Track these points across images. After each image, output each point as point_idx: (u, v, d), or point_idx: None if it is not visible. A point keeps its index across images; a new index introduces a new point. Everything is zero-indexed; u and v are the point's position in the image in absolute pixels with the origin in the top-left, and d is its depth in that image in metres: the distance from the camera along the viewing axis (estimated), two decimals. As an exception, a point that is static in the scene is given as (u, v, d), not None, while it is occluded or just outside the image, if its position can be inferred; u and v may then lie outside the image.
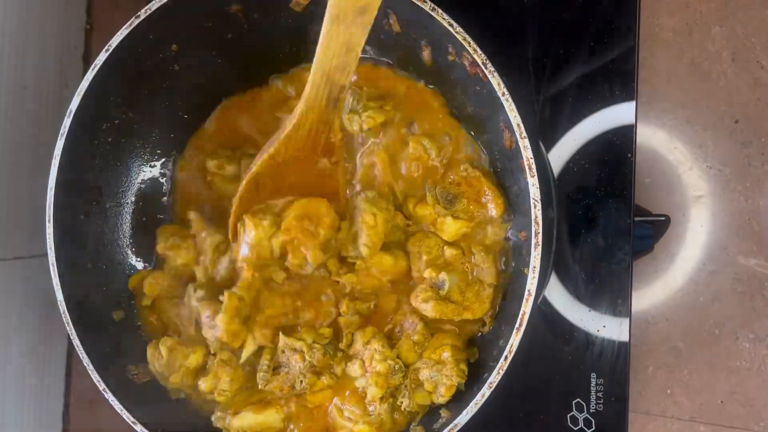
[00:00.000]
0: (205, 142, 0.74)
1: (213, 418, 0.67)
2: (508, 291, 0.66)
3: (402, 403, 0.66)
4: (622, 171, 0.70)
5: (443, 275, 0.65)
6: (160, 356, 0.67)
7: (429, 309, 0.65)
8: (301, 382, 0.65)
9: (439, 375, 0.65)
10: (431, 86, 0.69)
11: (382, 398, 0.65)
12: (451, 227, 0.66)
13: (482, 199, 0.66)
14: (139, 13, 0.62)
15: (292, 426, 0.68)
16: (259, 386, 0.66)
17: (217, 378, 0.66)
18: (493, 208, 0.66)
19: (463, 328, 0.68)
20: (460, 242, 0.67)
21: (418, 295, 0.66)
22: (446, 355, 0.65)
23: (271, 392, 0.66)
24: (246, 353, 0.66)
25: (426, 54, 0.65)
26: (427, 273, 0.66)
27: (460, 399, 0.62)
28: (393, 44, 0.67)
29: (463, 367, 0.65)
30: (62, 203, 0.64)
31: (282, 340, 0.66)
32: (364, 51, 0.69)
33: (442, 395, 0.65)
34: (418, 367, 0.66)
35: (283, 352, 0.66)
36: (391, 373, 0.65)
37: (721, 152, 0.79)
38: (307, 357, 0.65)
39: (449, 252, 0.67)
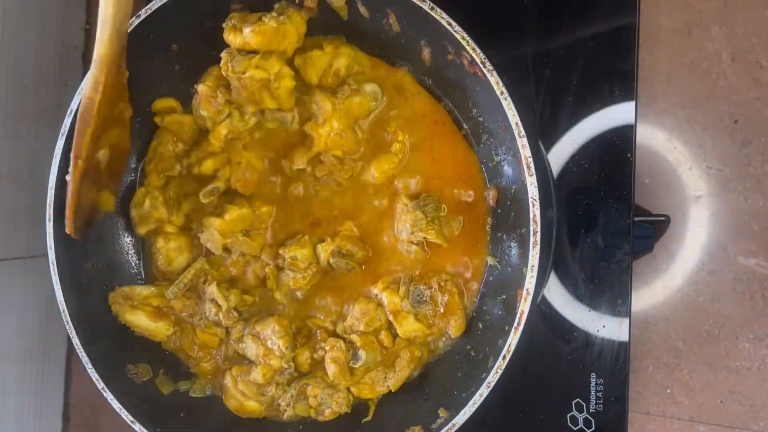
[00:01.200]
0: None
1: (110, 299, 0.68)
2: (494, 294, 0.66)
3: (285, 411, 0.67)
4: (622, 171, 0.70)
5: (362, 352, 0.66)
6: (155, 148, 0.70)
7: (332, 370, 0.66)
8: (200, 318, 0.68)
9: (329, 399, 0.66)
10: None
11: (278, 385, 0.67)
12: (410, 326, 0.66)
13: (447, 315, 0.67)
14: (139, 13, 0.62)
15: (173, 341, 0.70)
16: (167, 296, 0.68)
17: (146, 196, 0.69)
18: (453, 328, 0.67)
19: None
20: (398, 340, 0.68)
21: (331, 350, 0.66)
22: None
23: (169, 305, 0.69)
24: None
25: (426, 53, 0.65)
26: (354, 338, 0.66)
27: (458, 399, 0.62)
28: (393, 43, 0.67)
29: (352, 398, 0.67)
30: (63, 203, 0.64)
31: (211, 289, 0.67)
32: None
33: (324, 416, 0.67)
34: (308, 382, 0.67)
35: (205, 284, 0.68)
36: (280, 371, 0.67)
37: (721, 152, 0.78)
38: (220, 315, 0.67)
39: (384, 338, 0.67)
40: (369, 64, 0.68)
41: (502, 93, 0.58)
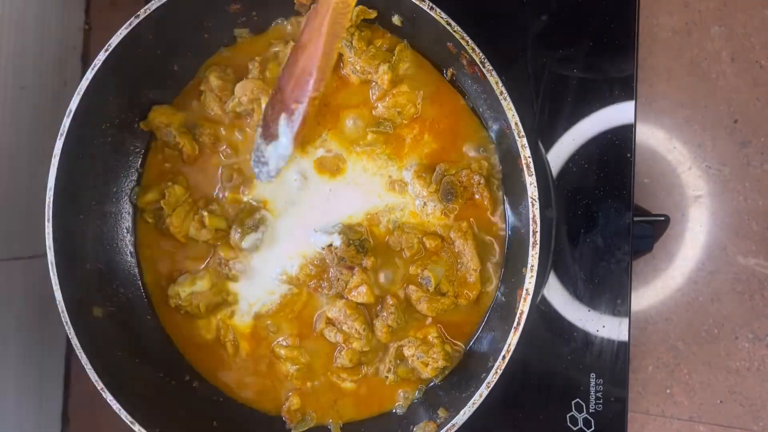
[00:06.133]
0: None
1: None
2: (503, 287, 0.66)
3: (387, 377, 0.68)
4: (622, 171, 0.70)
5: (426, 273, 0.66)
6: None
7: (425, 309, 0.66)
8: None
9: (426, 356, 0.66)
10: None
11: (368, 364, 0.68)
12: (436, 219, 0.67)
13: (476, 203, 0.67)
14: (138, 13, 0.62)
15: None
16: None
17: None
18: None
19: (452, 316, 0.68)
20: (439, 230, 0.68)
21: (411, 295, 0.67)
22: (432, 337, 0.66)
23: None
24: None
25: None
26: (413, 270, 0.67)
27: (458, 399, 0.62)
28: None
29: (449, 348, 0.66)
30: (61, 203, 0.64)
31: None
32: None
33: (427, 374, 0.66)
34: (402, 343, 0.67)
35: None
36: (365, 352, 0.67)
37: (720, 152, 0.79)
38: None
39: (430, 243, 0.67)
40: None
41: (501, 93, 0.58)
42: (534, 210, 0.57)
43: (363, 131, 0.68)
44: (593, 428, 0.70)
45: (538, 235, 0.57)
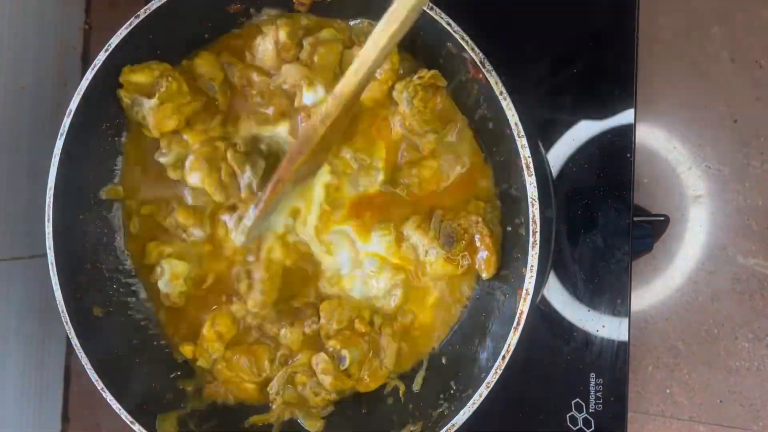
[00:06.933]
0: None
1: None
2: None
3: (274, 400, 0.68)
4: (621, 171, 0.70)
5: (345, 352, 0.66)
6: None
7: (327, 381, 0.66)
8: None
9: (317, 387, 0.67)
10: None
11: (272, 363, 0.69)
12: (440, 267, 0.66)
13: (477, 255, 0.66)
14: (138, 13, 0.62)
15: None
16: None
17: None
18: (485, 269, 0.65)
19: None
20: (374, 318, 0.68)
21: (318, 364, 0.66)
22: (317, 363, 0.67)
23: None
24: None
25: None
26: (332, 343, 0.67)
27: (458, 398, 0.62)
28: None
29: (341, 384, 0.67)
30: (61, 203, 0.64)
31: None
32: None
33: (316, 403, 0.67)
34: (296, 370, 0.67)
35: None
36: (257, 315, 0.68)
37: (720, 152, 0.79)
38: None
39: (359, 326, 0.67)
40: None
41: (501, 93, 0.58)
42: (534, 210, 0.57)
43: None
44: (593, 428, 0.70)
45: (537, 235, 0.57)
